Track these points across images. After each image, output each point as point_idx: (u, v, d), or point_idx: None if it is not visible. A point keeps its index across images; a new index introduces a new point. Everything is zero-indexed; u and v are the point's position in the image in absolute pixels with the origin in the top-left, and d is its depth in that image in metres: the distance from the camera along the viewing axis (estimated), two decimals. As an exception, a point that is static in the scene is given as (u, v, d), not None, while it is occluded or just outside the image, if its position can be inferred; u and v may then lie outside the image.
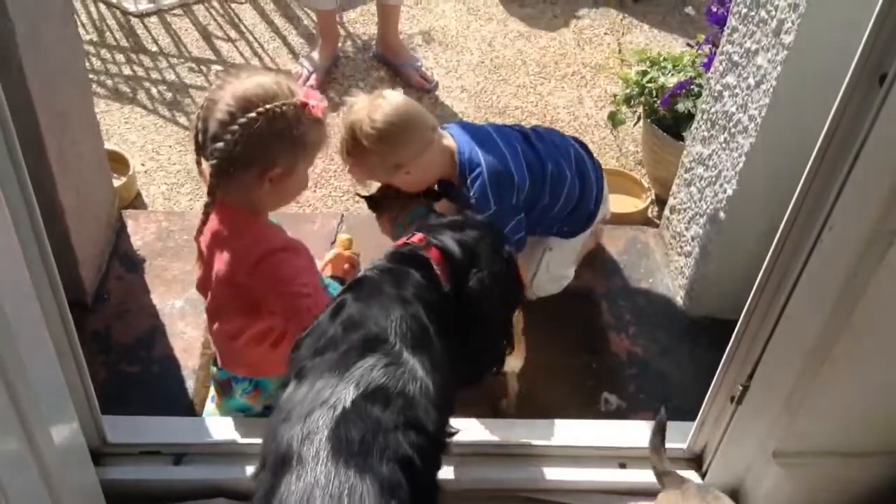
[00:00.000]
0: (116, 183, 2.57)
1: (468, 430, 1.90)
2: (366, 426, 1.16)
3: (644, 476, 1.84)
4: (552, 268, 2.27)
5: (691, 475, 1.83)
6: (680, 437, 1.85)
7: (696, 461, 1.85)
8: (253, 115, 1.55)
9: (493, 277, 1.45)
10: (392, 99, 2.00)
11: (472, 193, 2.03)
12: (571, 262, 2.35)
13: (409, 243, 1.46)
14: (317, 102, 1.63)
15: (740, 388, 1.63)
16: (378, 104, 1.97)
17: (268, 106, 1.56)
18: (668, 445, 1.85)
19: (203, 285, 1.77)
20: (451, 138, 2.09)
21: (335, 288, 1.88)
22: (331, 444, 1.13)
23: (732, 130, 2.11)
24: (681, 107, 2.63)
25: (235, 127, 1.55)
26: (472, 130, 2.14)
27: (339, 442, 1.14)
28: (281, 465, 1.14)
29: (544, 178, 2.12)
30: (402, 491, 1.13)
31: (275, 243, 1.66)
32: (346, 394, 1.19)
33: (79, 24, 3.22)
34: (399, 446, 1.17)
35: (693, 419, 1.81)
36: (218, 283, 1.70)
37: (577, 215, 2.24)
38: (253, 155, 1.58)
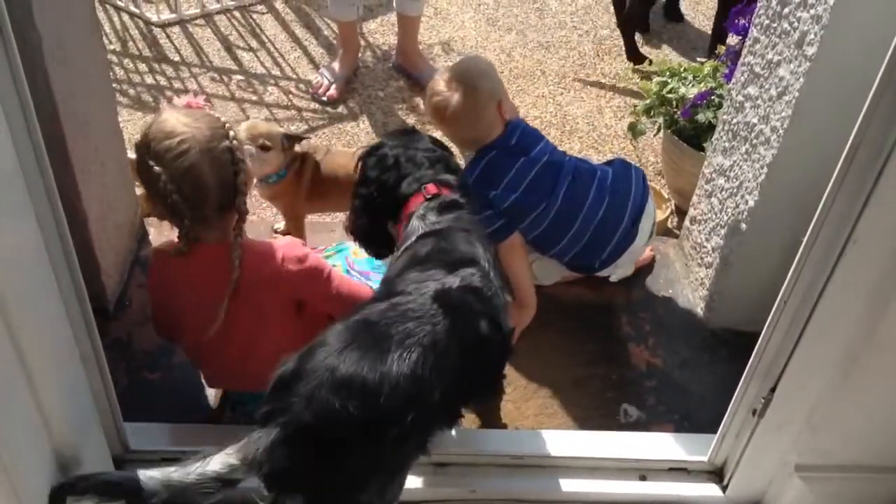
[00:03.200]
0: (138, 191, 2.59)
1: (486, 440, 1.91)
2: (462, 302, 1.49)
3: (665, 489, 1.83)
4: (534, 267, 2.32)
5: (712, 488, 1.82)
6: (701, 449, 1.84)
7: (717, 474, 1.84)
8: (233, 142, 1.62)
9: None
10: (467, 99, 2.07)
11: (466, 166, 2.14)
12: (553, 277, 2.38)
13: (435, 195, 1.72)
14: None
15: (762, 401, 1.62)
16: (453, 98, 2.07)
17: (231, 130, 1.64)
18: (689, 458, 1.85)
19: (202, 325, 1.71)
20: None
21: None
22: (434, 294, 1.46)
23: (754, 141, 2.10)
24: (701, 117, 2.62)
25: (239, 167, 1.61)
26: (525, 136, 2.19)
27: (439, 296, 1.46)
28: (391, 295, 1.47)
29: (548, 205, 2.15)
30: (468, 348, 1.44)
31: (274, 253, 1.69)
32: (453, 281, 1.52)
33: (102, 33, 3.25)
34: (480, 328, 1.49)
35: (713, 432, 1.80)
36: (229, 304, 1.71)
37: (576, 262, 2.29)
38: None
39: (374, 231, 1.82)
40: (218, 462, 1.27)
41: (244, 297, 1.68)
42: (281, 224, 2.54)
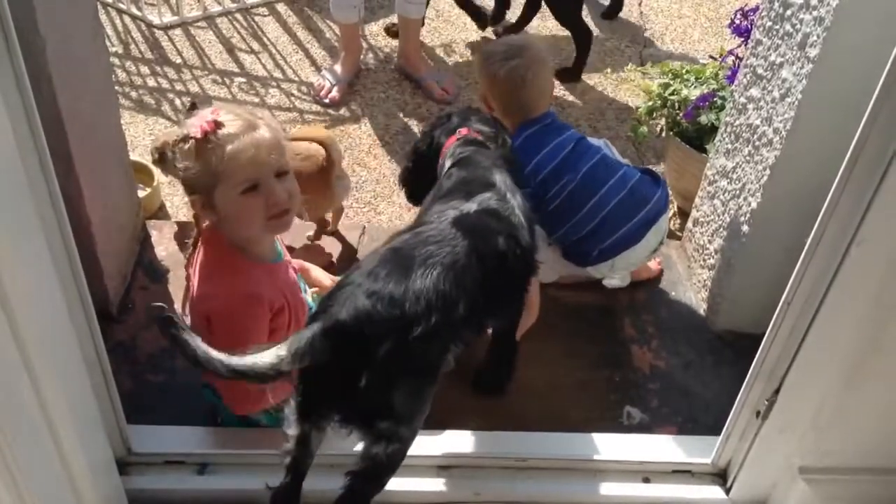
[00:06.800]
0: (141, 194, 2.60)
1: (490, 443, 1.91)
2: (480, 223, 1.67)
3: (668, 491, 1.83)
4: None
5: (716, 491, 1.82)
6: (704, 452, 1.84)
7: (720, 476, 1.84)
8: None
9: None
10: (543, 67, 2.28)
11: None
12: (551, 275, 2.38)
13: (464, 134, 1.97)
14: (196, 125, 1.64)
15: (766, 403, 1.62)
16: (534, 64, 2.24)
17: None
18: (693, 460, 1.85)
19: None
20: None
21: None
22: (453, 219, 1.64)
23: (757, 143, 2.10)
24: (704, 119, 2.62)
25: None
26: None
27: (457, 221, 1.64)
28: (417, 225, 1.67)
29: (569, 180, 2.23)
30: (488, 263, 1.60)
31: (218, 298, 1.71)
32: (471, 206, 1.70)
33: (105, 37, 3.25)
34: (498, 244, 1.66)
35: (717, 433, 1.80)
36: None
37: (577, 248, 2.32)
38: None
39: (423, 183, 2.00)
40: (271, 354, 1.41)
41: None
42: (312, 232, 2.53)
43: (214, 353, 1.38)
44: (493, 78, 2.22)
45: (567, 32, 3.68)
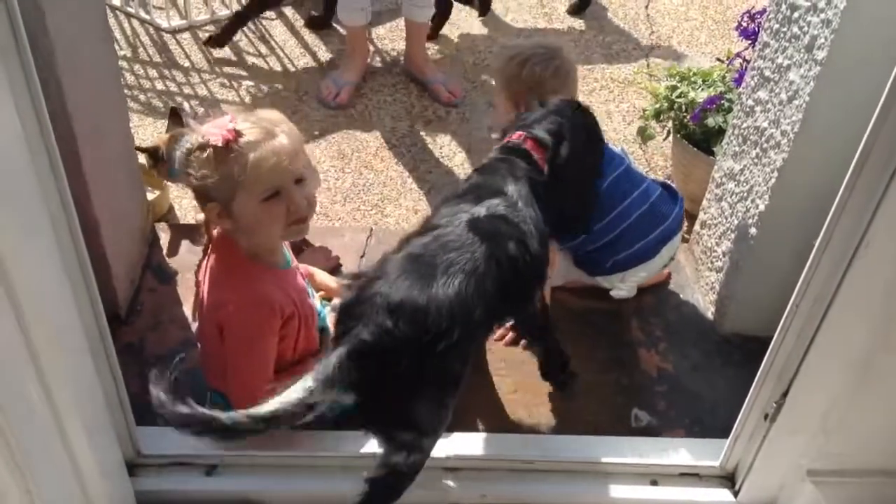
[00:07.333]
0: (150, 197, 2.61)
1: (497, 445, 1.91)
2: (493, 227, 1.64)
3: (676, 494, 1.83)
4: None
5: (724, 493, 1.82)
6: (712, 454, 1.84)
7: (728, 479, 1.83)
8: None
9: (575, 150, 1.86)
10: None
11: None
12: (557, 279, 2.36)
13: (512, 140, 1.86)
14: (216, 133, 1.63)
15: (774, 405, 1.61)
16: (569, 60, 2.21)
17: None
18: (701, 463, 1.85)
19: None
20: None
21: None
22: (467, 223, 1.62)
23: (764, 146, 2.10)
24: (711, 122, 2.62)
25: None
26: None
27: (472, 224, 1.62)
28: (431, 228, 1.63)
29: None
30: (502, 267, 1.58)
31: (227, 301, 1.73)
32: (481, 211, 1.66)
33: (114, 40, 3.26)
34: (509, 248, 1.62)
35: (725, 436, 1.80)
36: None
37: (591, 257, 2.31)
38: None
39: None
40: (298, 389, 1.41)
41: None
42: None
43: (238, 413, 1.38)
44: (539, 78, 2.12)
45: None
